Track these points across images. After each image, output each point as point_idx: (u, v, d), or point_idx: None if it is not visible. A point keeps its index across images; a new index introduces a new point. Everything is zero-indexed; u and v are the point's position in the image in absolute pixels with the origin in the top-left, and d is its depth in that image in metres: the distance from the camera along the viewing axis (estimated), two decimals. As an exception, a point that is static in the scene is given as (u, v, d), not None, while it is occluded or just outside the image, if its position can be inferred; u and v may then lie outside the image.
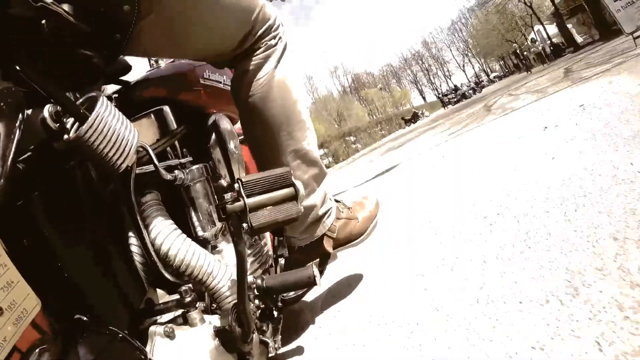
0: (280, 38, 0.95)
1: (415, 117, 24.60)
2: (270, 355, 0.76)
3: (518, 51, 18.82)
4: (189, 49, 0.86)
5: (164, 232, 0.63)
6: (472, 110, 7.34)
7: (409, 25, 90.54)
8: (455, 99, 24.46)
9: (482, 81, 31.13)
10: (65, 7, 0.56)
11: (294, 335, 1.10)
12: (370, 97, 59.78)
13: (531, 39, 20.85)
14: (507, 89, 9.31)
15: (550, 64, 14.42)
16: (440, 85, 61.99)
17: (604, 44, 9.97)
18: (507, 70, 46.42)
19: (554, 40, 21.31)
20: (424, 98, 63.95)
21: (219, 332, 0.59)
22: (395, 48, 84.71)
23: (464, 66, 62.23)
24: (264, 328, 0.76)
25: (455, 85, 29.49)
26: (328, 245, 1.03)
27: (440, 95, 28.22)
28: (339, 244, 1.06)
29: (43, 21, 0.53)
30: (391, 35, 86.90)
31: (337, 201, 1.12)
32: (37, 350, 0.35)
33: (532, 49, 18.19)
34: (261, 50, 0.92)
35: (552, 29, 22.22)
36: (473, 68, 61.59)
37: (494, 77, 40.88)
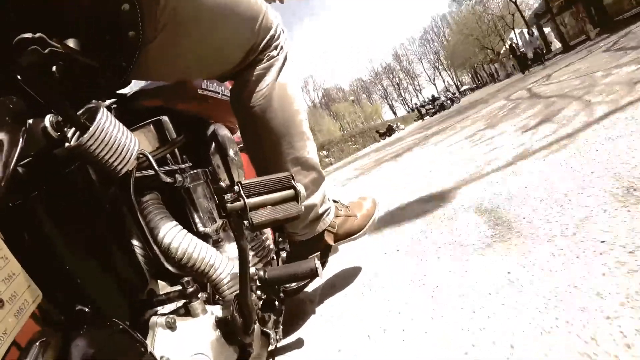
0: (281, 48, 0.94)
1: (390, 130, 22.87)
2: (270, 347, 0.75)
3: (514, 46, 17.26)
4: (195, 70, 0.86)
5: (165, 227, 0.63)
6: (490, 108, 5.17)
7: (380, 38, 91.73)
8: (433, 110, 22.86)
9: (455, 94, 29.86)
10: (71, 43, 0.56)
11: (294, 324, 1.10)
12: (341, 112, 58.60)
13: (530, 32, 19.68)
14: (516, 87, 7.31)
15: (550, 64, 12.75)
16: (411, 100, 61.90)
17: (610, 36, 8.45)
18: (480, 82, 46.20)
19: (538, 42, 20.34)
20: (394, 113, 63.81)
21: (220, 323, 0.58)
22: (367, 61, 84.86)
23: (434, 79, 62.62)
24: (266, 319, 0.75)
25: (432, 96, 27.84)
26: (329, 239, 1.05)
27: (418, 106, 26.60)
28: (339, 238, 1.08)
29: (54, 68, 0.52)
30: (363, 48, 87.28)
31: (334, 201, 1.13)
32: (37, 343, 0.35)
33: (522, 50, 16.92)
34: (263, 61, 0.91)
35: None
36: (443, 81, 62.08)
37: (465, 89, 40.14)
